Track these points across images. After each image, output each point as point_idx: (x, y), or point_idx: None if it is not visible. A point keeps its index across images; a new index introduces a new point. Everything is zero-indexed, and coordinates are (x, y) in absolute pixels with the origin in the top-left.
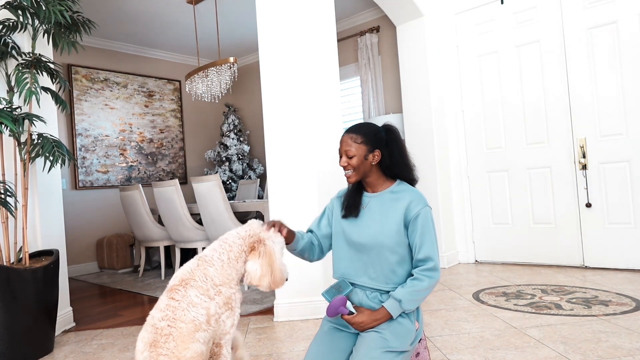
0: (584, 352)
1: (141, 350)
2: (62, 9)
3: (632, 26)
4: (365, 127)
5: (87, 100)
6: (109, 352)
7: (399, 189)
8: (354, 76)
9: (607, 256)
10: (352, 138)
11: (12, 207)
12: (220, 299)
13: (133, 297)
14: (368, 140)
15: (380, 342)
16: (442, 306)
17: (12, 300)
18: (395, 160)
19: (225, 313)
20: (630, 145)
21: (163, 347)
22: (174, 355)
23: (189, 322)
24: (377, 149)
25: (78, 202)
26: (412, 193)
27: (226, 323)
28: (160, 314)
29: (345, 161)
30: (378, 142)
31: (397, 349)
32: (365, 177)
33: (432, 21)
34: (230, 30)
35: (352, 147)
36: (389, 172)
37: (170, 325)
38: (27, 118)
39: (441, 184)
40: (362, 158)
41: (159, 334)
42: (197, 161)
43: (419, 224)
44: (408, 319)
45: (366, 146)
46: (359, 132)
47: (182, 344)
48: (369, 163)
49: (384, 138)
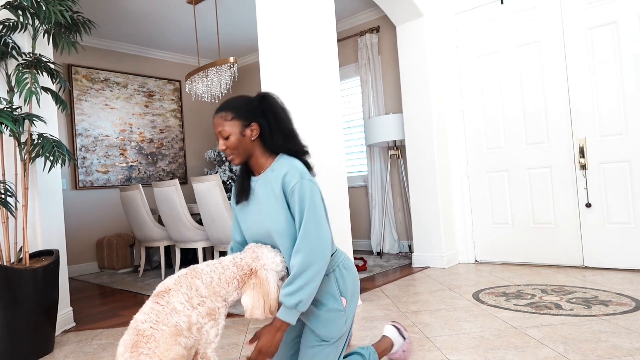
0: (584, 352)
1: (122, 352)
2: (62, 9)
3: (632, 26)
4: (234, 101)
5: (87, 100)
6: (109, 352)
7: (277, 165)
8: (354, 76)
9: (607, 256)
10: (222, 117)
11: (12, 207)
12: (203, 309)
13: (133, 297)
14: (240, 114)
15: (313, 338)
16: (442, 306)
17: (12, 300)
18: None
19: (209, 323)
20: (630, 145)
21: (144, 347)
22: (156, 355)
23: (171, 326)
24: (254, 121)
25: (78, 202)
26: (287, 166)
27: (209, 333)
28: (143, 317)
29: (223, 143)
30: (252, 113)
31: (333, 338)
32: (249, 156)
33: (432, 21)
34: (230, 30)
35: (225, 125)
36: (271, 146)
37: (152, 327)
38: (27, 118)
39: (441, 184)
40: (238, 135)
41: (140, 335)
42: (197, 161)
43: (295, 201)
44: (331, 300)
45: (239, 121)
46: (228, 109)
47: (164, 344)
48: (248, 139)
49: (260, 107)
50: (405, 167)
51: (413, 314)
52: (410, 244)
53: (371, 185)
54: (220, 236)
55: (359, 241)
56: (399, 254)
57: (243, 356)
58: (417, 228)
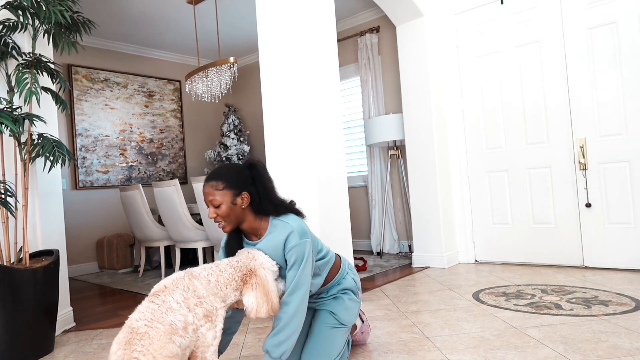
0: (584, 352)
1: (115, 350)
2: (62, 9)
3: (632, 26)
4: (224, 171)
5: (87, 100)
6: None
7: (274, 230)
8: (354, 76)
9: (607, 256)
10: (213, 186)
11: (12, 207)
12: (200, 310)
13: (133, 297)
14: (231, 183)
15: (334, 320)
16: (442, 306)
17: (12, 300)
18: (263, 198)
19: (205, 325)
20: (630, 146)
21: (138, 344)
22: (149, 352)
23: (166, 324)
24: (244, 190)
25: (78, 202)
26: (287, 229)
27: (206, 335)
28: (138, 315)
29: (214, 212)
30: (242, 182)
31: (350, 322)
32: (240, 223)
33: (432, 21)
34: (230, 30)
35: (216, 195)
36: (262, 211)
37: (147, 325)
38: (27, 118)
39: (441, 184)
40: (229, 205)
41: (135, 332)
42: (197, 161)
43: (292, 257)
44: (354, 291)
45: (230, 190)
46: (219, 178)
47: (159, 342)
48: (239, 207)
49: (249, 176)
50: (405, 167)
51: (413, 314)
52: (410, 244)
53: (371, 185)
54: (220, 236)
55: (359, 241)
56: (399, 254)
57: (243, 356)
58: (417, 228)
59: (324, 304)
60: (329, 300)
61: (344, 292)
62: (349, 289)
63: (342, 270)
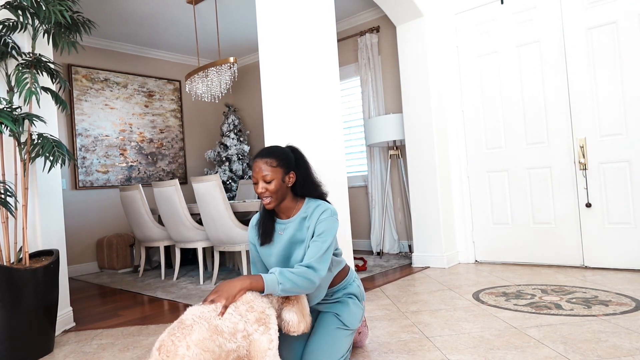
0: (584, 352)
1: (157, 346)
2: (62, 9)
3: (632, 26)
4: (277, 150)
5: (87, 100)
6: (109, 352)
7: (310, 209)
8: (354, 76)
9: (607, 256)
10: (268, 162)
11: (12, 207)
12: (252, 316)
13: (133, 297)
14: (283, 162)
15: (339, 322)
16: (442, 306)
17: (12, 300)
18: (306, 180)
19: (259, 329)
20: (630, 145)
21: (179, 331)
22: (184, 340)
23: (212, 325)
24: (292, 170)
25: (78, 202)
26: (321, 207)
27: (261, 340)
28: (189, 314)
29: (264, 187)
30: (290, 163)
31: (354, 326)
32: (282, 201)
33: (432, 21)
34: (230, 30)
35: (270, 171)
36: (302, 193)
37: (194, 320)
38: (27, 118)
39: (441, 184)
40: (280, 181)
41: (181, 323)
42: (197, 161)
43: (322, 228)
44: (358, 298)
45: (282, 168)
46: (273, 156)
47: (198, 335)
48: (286, 186)
49: (294, 159)
50: (405, 167)
51: (413, 314)
52: (410, 244)
53: (371, 185)
54: (220, 236)
55: (359, 241)
56: (399, 254)
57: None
58: (417, 228)
59: (328, 306)
60: (334, 303)
61: (349, 297)
62: (354, 294)
63: (350, 276)
